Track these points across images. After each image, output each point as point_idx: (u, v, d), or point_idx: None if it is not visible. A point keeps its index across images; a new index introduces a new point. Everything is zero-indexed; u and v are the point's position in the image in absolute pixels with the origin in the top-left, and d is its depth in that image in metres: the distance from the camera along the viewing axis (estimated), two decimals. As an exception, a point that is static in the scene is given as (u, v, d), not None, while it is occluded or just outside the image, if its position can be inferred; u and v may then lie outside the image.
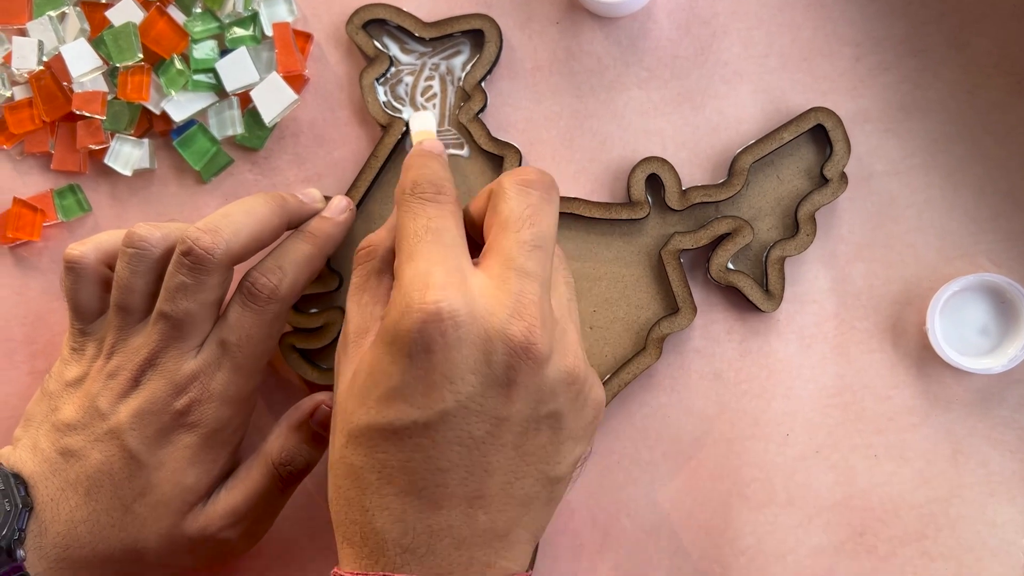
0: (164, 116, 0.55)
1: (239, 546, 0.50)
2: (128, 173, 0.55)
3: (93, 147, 0.55)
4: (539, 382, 0.42)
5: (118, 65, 0.54)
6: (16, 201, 0.56)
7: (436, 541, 0.42)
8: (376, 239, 0.47)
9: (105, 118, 0.55)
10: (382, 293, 0.46)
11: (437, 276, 0.41)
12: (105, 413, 0.48)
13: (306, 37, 0.56)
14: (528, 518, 0.44)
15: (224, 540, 0.49)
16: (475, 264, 0.44)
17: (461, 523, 0.42)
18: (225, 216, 0.48)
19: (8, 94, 0.56)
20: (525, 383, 0.42)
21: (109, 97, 0.55)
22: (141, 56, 0.54)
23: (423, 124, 0.51)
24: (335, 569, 0.43)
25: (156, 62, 0.55)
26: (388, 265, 0.46)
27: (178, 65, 0.54)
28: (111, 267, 0.50)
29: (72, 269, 0.50)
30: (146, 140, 0.56)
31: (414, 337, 0.41)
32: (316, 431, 0.51)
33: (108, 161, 0.55)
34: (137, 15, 0.55)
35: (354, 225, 0.54)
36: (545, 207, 0.44)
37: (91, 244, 0.50)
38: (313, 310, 0.55)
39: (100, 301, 0.51)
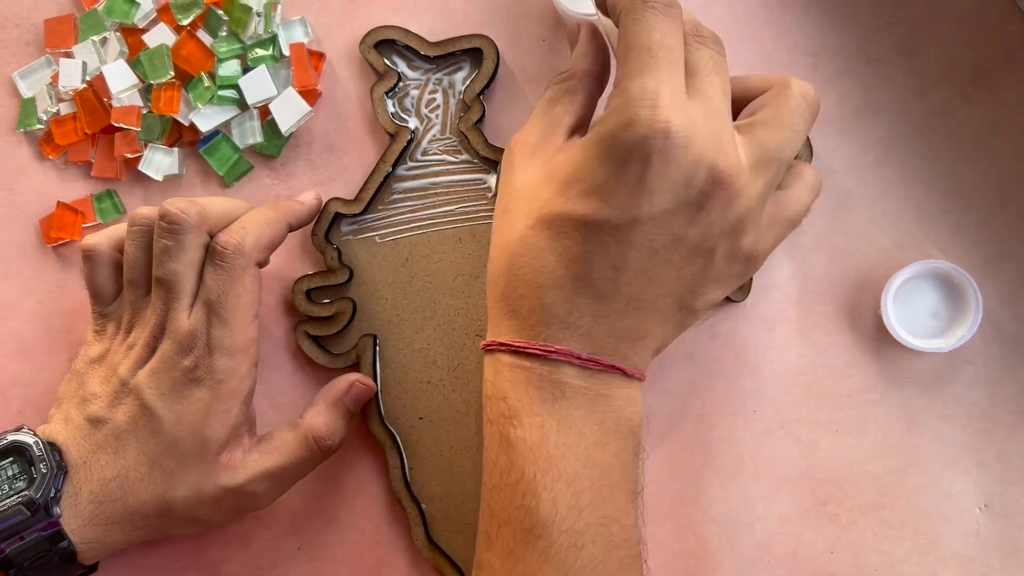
0: (192, 127, 0.60)
1: (262, 501, 0.54)
2: (159, 178, 0.61)
3: (129, 155, 0.61)
4: (720, 217, 0.46)
5: (152, 82, 0.60)
6: (59, 204, 0.61)
7: (596, 325, 0.47)
8: (572, 64, 0.51)
9: (140, 129, 0.61)
10: (575, 107, 0.50)
11: (665, 96, 0.44)
12: (125, 379, 0.53)
13: (319, 56, 0.61)
14: (661, 331, 0.48)
15: (251, 493, 0.53)
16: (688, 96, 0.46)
17: (617, 317, 0.47)
18: (203, 198, 0.54)
19: (55, 110, 0.62)
20: (710, 212, 0.45)
21: (144, 111, 0.61)
22: (172, 74, 0.60)
23: None
24: (491, 339, 0.49)
25: (186, 79, 0.60)
26: (582, 86, 0.51)
27: (205, 82, 0.60)
28: (122, 253, 0.56)
29: (88, 257, 0.55)
30: (176, 149, 0.61)
31: (633, 148, 0.44)
32: (349, 408, 0.56)
33: (142, 168, 0.60)
34: (170, 38, 0.60)
35: (367, 227, 0.60)
36: (724, 62, 0.48)
37: (103, 234, 0.56)
38: (325, 300, 0.60)
39: (115, 284, 0.56)
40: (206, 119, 0.60)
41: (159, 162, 0.61)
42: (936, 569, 0.55)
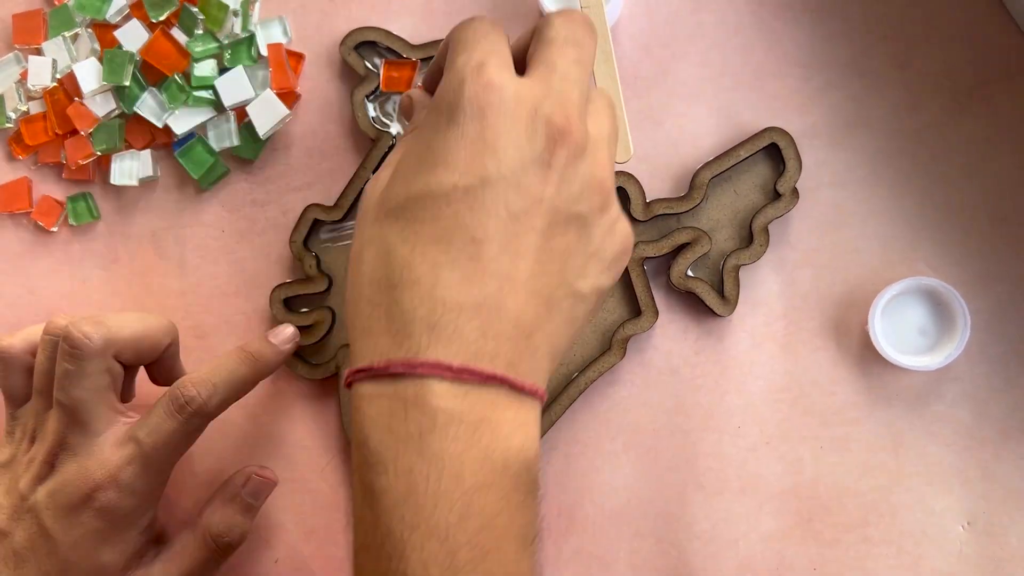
0: (166, 129, 0.59)
1: None
2: (135, 183, 0.59)
3: (81, 161, 0.59)
4: (571, 174, 0.42)
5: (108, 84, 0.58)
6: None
7: (464, 321, 0.40)
8: (413, 94, 0.48)
9: (93, 137, 0.59)
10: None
11: (492, 61, 0.42)
12: (25, 494, 0.51)
13: (298, 57, 0.59)
14: (551, 326, 0.42)
15: None
16: None
17: (490, 304, 0.40)
18: (116, 314, 0.53)
19: (24, 108, 0.60)
20: (559, 169, 0.42)
21: (114, 114, 0.59)
22: (127, 83, 0.58)
23: None
24: (347, 370, 0.42)
25: (159, 80, 0.59)
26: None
27: (179, 82, 0.58)
28: None
29: (1, 358, 0.54)
30: (146, 151, 0.59)
31: (465, 105, 0.41)
32: (248, 502, 0.55)
33: (114, 180, 0.59)
34: (143, 35, 0.58)
35: (347, 234, 0.58)
36: (588, 36, 0.45)
37: (19, 336, 0.55)
38: (304, 309, 0.59)
39: (27, 387, 0.54)
40: (181, 121, 0.59)
41: (129, 168, 0.59)
42: (919, 587, 0.56)
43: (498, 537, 0.39)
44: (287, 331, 0.56)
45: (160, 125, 0.59)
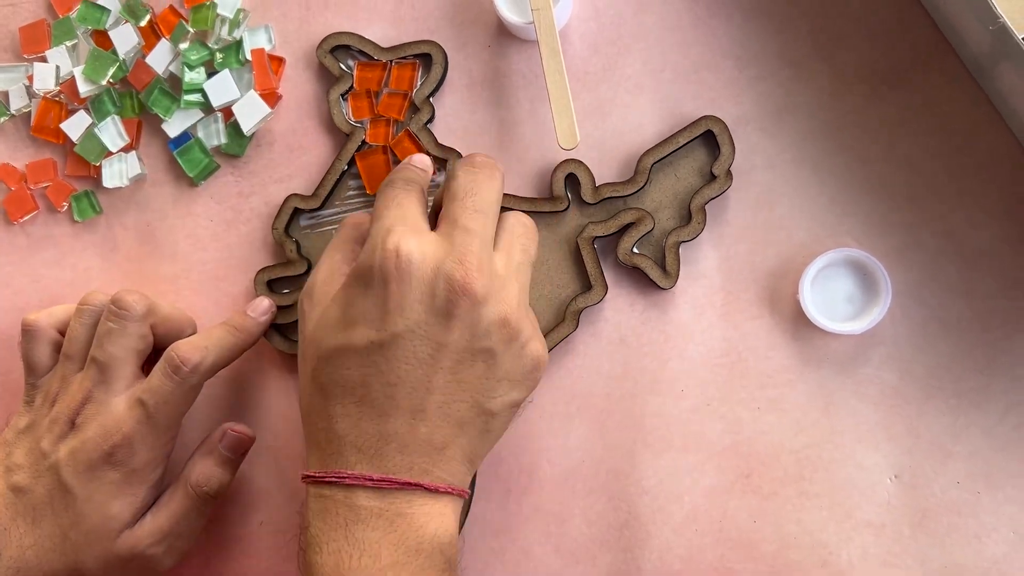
0: (140, 134, 0.64)
1: (165, 561, 0.58)
2: (125, 183, 0.64)
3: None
4: (475, 318, 0.50)
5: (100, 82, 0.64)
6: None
7: (384, 445, 0.50)
8: (363, 219, 0.56)
9: (78, 144, 0.64)
10: (352, 257, 0.54)
11: (398, 228, 0.51)
12: (47, 452, 0.57)
13: (279, 61, 0.64)
14: (464, 440, 0.51)
15: (151, 556, 0.57)
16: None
17: (405, 431, 0.50)
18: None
19: (28, 109, 0.65)
20: (462, 317, 0.50)
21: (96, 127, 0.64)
22: (106, 83, 0.63)
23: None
24: (303, 471, 0.52)
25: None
26: (364, 239, 0.54)
27: (166, 89, 0.63)
28: (61, 333, 0.60)
29: (28, 331, 0.60)
30: (132, 152, 0.64)
31: (375, 272, 0.50)
32: (225, 455, 0.59)
33: (106, 184, 0.64)
34: (133, 38, 0.64)
35: (324, 221, 0.64)
36: (487, 182, 0.53)
37: (44, 312, 0.61)
38: (285, 291, 0.64)
39: (50, 359, 0.60)
40: (174, 124, 0.64)
41: (119, 171, 0.64)
42: (851, 536, 0.59)
43: None
44: (263, 304, 0.61)
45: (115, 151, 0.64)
